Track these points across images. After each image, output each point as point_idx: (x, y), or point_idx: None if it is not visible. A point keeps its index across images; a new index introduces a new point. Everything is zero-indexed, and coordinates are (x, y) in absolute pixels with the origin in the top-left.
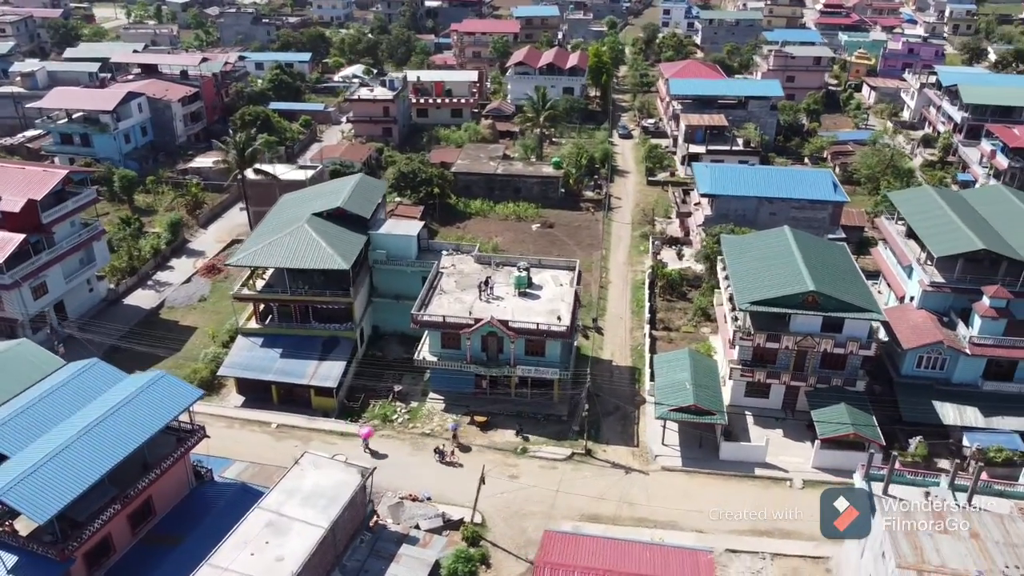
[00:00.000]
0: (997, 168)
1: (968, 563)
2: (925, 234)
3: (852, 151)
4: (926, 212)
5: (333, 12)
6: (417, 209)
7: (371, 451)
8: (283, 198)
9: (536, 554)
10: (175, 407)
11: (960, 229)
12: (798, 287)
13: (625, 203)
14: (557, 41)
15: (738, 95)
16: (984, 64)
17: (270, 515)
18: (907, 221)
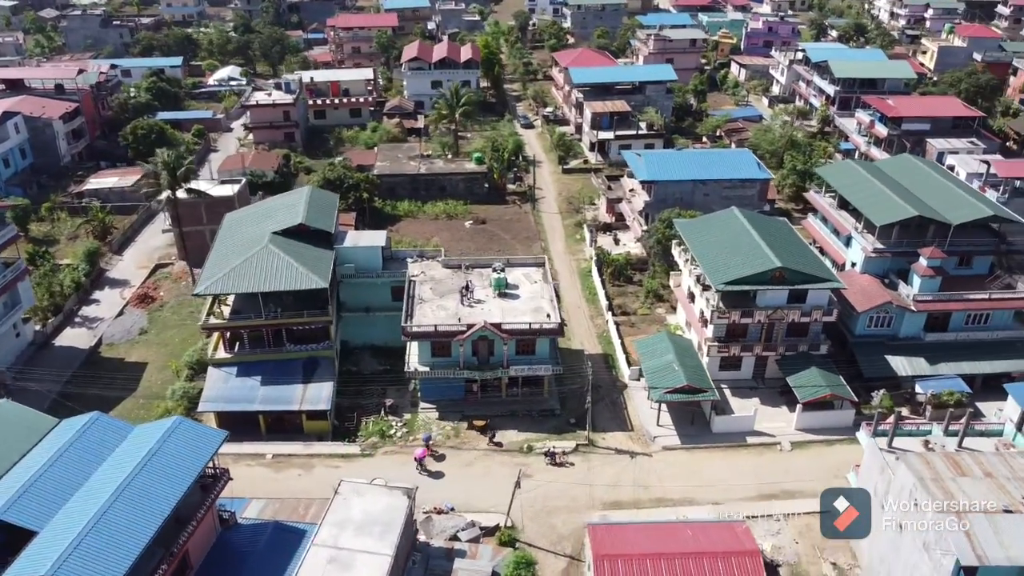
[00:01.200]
0: (877, 136)
1: (992, 500)
2: (862, 205)
3: (744, 128)
4: (856, 185)
5: (184, 10)
6: (350, 216)
7: (427, 471)
8: (228, 218)
9: (590, 548)
10: (204, 452)
11: (893, 199)
12: (766, 264)
13: (546, 193)
14: (433, 33)
15: (635, 80)
16: (829, 39)
17: (329, 551)
18: (839, 194)
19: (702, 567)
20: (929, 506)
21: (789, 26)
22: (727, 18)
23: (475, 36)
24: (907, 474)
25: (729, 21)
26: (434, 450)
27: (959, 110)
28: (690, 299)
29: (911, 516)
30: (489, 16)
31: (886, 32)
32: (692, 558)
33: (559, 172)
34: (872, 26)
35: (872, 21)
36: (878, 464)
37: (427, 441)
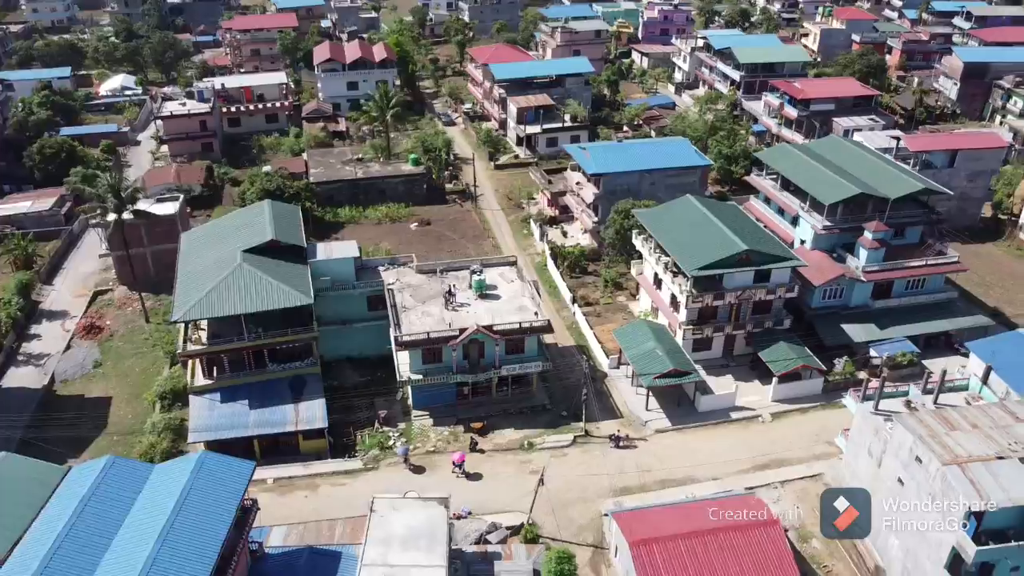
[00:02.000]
0: (788, 118)
1: (985, 449)
2: (807, 186)
3: (661, 116)
4: (797, 167)
5: (53, 15)
6: None
7: (466, 474)
8: (187, 238)
9: (620, 535)
10: (237, 485)
11: (836, 179)
12: (733, 248)
13: (483, 190)
14: (330, 32)
15: (554, 74)
16: (716, 25)
17: (382, 570)
18: (782, 176)
19: (730, 541)
20: (932, 460)
21: (683, 14)
22: (620, 8)
23: (374, 34)
24: (905, 433)
25: (624, 11)
26: (412, 464)
27: (858, 90)
28: (656, 285)
29: (913, 471)
30: (381, 12)
31: (770, 17)
32: (719, 533)
33: (491, 168)
34: (757, 11)
35: (754, 6)
36: (871, 427)
37: (404, 455)
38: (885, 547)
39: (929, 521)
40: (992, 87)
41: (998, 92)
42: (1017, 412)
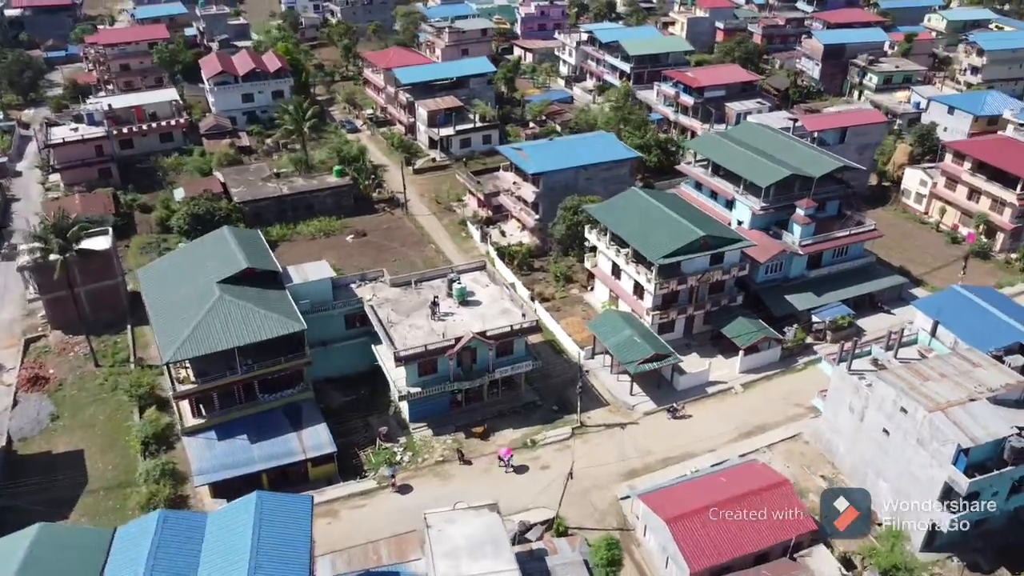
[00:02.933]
0: (684, 105)
1: (958, 394)
2: (741, 171)
3: (563, 110)
4: (725, 153)
5: None
6: None
7: (513, 468)
8: (146, 274)
9: (652, 515)
10: (303, 524)
11: (766, 163)
12: (692, 235)
13: (408, 196)
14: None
15: (458, 75)
16: (586, 17)
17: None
18: (713, 162)
19: (751, 504)
20: (919, 409)
21: (559, 9)
22: (494, 4)
23: (259, 43)
24: (887, 388)
25: (497, 7)
26: (395, 482)
27: (743, 75)
28: (615, 275)
29: (898, 421)
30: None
31: (637, 9)
32: (741, 499)
33: (410, 174)
34: (623, 3)
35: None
36: (850, 386)
37: (392, 475)
38: (874, 491)
39: (919, 463)
40: (849, 65)
41: (854, 70)
42: (972, 359)
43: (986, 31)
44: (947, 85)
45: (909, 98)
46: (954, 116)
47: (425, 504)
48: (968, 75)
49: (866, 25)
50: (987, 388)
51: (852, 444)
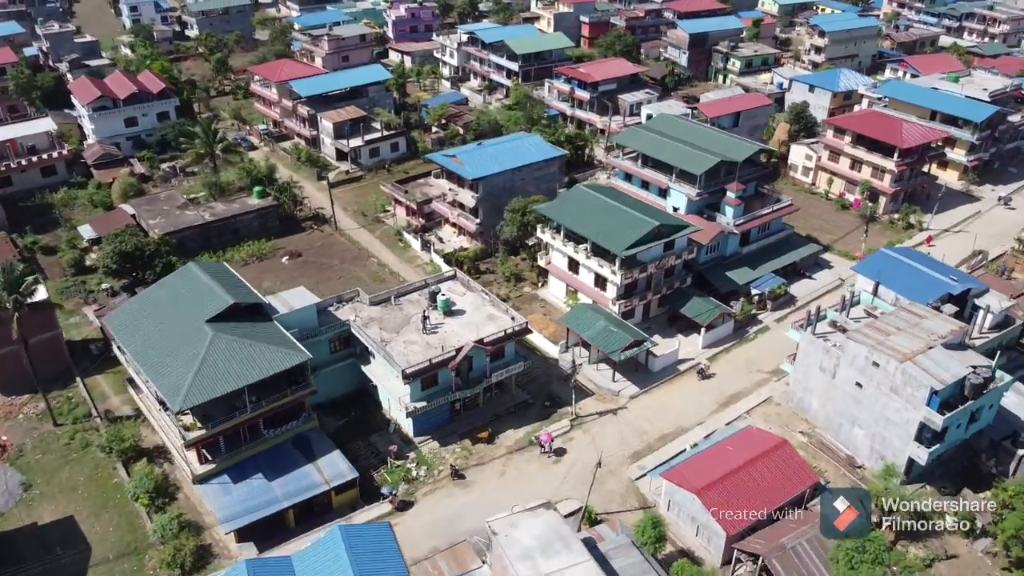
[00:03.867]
0: (579, 100)
1: (917, 344)
2: (673, 160)
3: (461, 112)
4: (653, 145)
5: None
6: None
7: (555, 452)
8: (114, 322)
9: (678, 491)
10: (391, 549)
11: (697, 151)
12: (647, 226)
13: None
14: (40, 62)
15: (357, 84)
16: (451, 18)
17: None
18: (644, 154)
19: (763, 466)
20: (890, 361)
21: (429, 11)
22: (357, 8)
23: (102, 61)
24: (858, 346)
25: (363, 11)
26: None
27: (630, 68)
28: (573, 270)
29: (871, 374)
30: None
31: (505, 7)
32: (752, 464)
33: (324, 188)
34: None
35: None
36: (820, 348)
37: (390, 495)
38: (849, 439)
39: (894, 408)
40: (712, 52)
41: (718, 56)
42: (916, 312)
43: (818, 14)
44: (796, 66)
45: (772, 79)
46: (815, 94)
47: (456, 513)
48: (812, 55)
49: (712, 13)
50: (938, 336)
51: (825, 400)
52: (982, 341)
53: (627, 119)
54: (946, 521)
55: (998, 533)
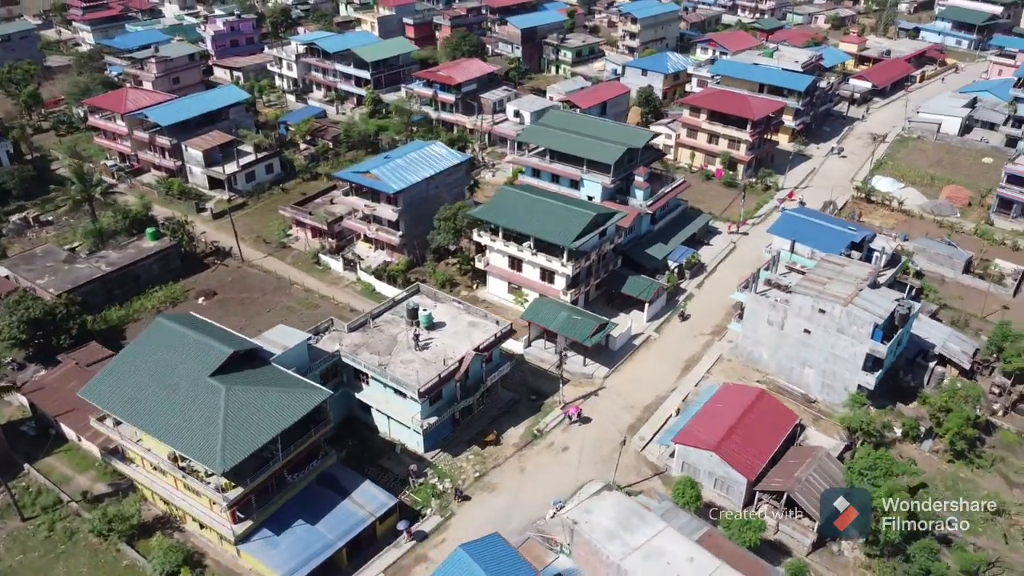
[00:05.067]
0: (444, 102)
1: (849, 289)
2: (583, 153)
3: (324, 126)
4: (559, 140)
5: None
6: (86, 353)
7: (580, 419)
8: (96, 395)
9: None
10: (512, 555)
11: (602, 142)
12: (586, 218)
13: (224, 241)
14: None
15: (212, 109)
16: (264, 28)
17: (639, 552)
18: (552, 149)
19: (754, 416)
20: (835, 306)
21: (249, 23)
22: (161, 24)
23: None
24: (803, 297)
25: (169, 28)
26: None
27: (487, 67)
28: (515, 268)
29: (818, 320)
30: None
31: (323, 14)
32: (747, 416)
33: (209, 219)
34: (298, 10)
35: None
36: (766, 304)
37: (407, 528)
38: (801, 379)
39: (841, 346)
40: (542, 45)
41: (549, 48)
42: (836, 261)
43: (626, 3)
44: (613, 52)
45: (605, 67)
46: (648, 77)
47: (498, 516)
48: (628, 40)
49: (522, 7)
50: (861, 279)
51: (775, 349)
52: (883, 279)
53: (494, 117)
54: (897, 432)
55: (941, 433)
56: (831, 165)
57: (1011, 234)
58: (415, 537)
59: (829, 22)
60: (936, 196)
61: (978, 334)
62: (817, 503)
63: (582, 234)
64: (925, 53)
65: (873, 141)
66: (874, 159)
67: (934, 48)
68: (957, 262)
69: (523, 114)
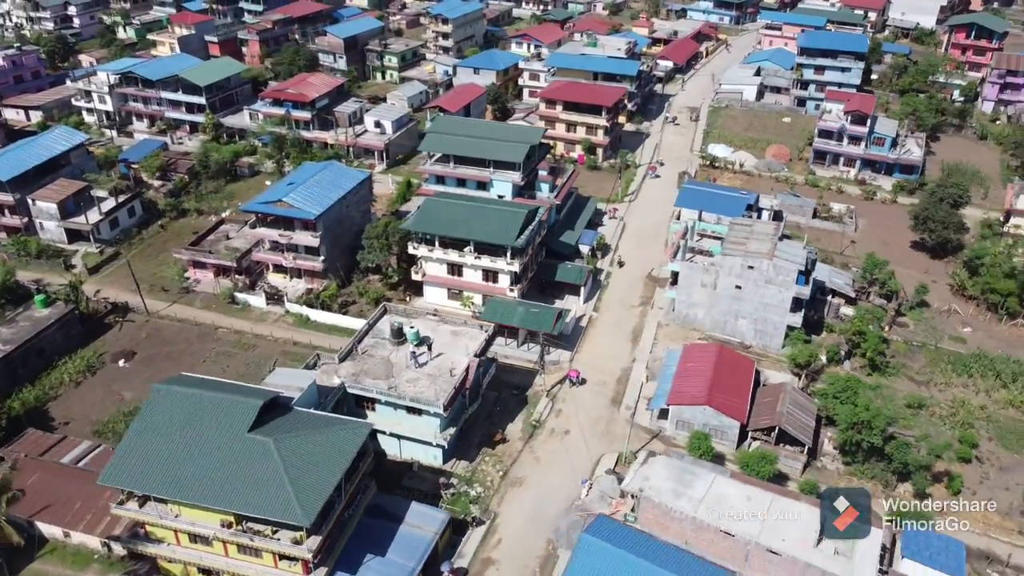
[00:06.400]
0: (300, 120)
1: (765, 245)
2: (489, 155)
3: (174, 158)
4: (464, 144)
5: None
6: (30, 443)
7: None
8: (120, 478)
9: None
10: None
11: (507, 143)
12: (520, 216)
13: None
14: None
15: (52, 155)
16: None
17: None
18: (457, 154)
19: (723, 368)
20: (762, 261)
21: (33, 55)
22: None
23: None
24: (733, 258)
25: None
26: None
27: (332, 81)
28: (455, 274)
29: (747, 276)
30: None
31: (111, 40)
32: (717, 369)
33: (85, 277)
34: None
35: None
36: (697, 270)
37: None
38: (736, 330)
39: (770, 295)
40: (365, 52)
41: (372, 55)
42: (743, 223)
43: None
44: (437, 53)
45: (435, 68)
46: (480, 75)
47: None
48: (442, 41)
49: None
50: (770, 235)
51: (710, 307)
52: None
53: (354, 129)
54: (823, 359)
55: (860, 353)
56: (669, 138)
57: (832, 180)
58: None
59: (607, 8)
60: (763, 156)
61: (847, 267)
62: (801, 430)
63: (520, 231)
64: (701, 31)
65: (692, 113)
66: (700, 129)
67: (708, 26)
68: (807, 210)
69: (383, 124)
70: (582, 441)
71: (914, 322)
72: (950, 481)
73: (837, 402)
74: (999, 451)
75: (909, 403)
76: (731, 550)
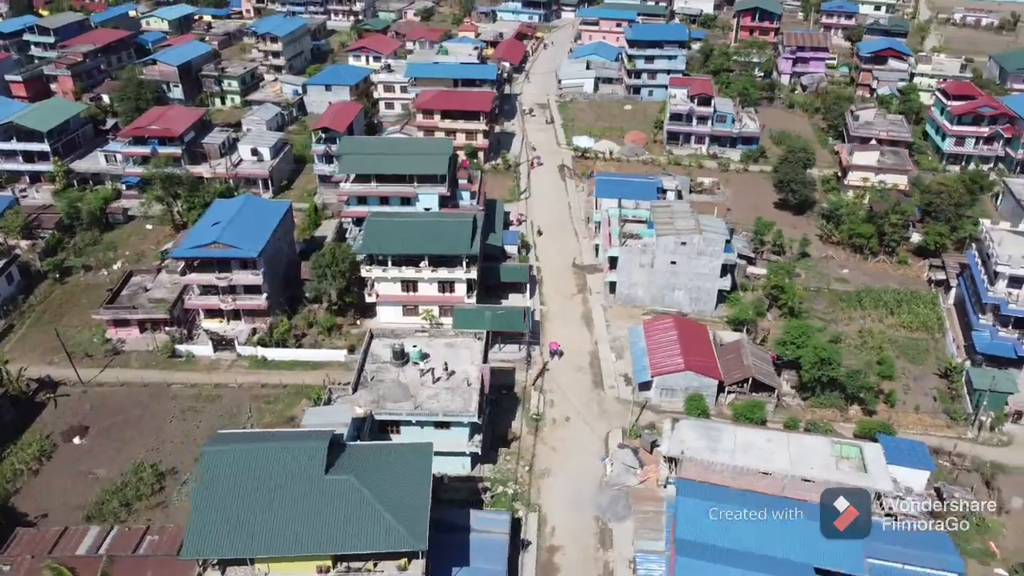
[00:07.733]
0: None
1: (691, 223)
2: (411, 170)
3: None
4: (385, 162)
5: None
6: (28, 543)
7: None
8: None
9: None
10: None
11: (425, 155)
12: (466, 226)
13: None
14: None
15: None
16: None
17: (737, 451)
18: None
19: (686, 335)
20: (693, 237)
21: None
22: None
23: None
24: (668, 239)
25: None
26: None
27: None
28: (410, 290)
29: (680, 252)
30: None
31: None
32: (682, 337)
33: None
34: None
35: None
36: (636, 250)
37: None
38: (673, 300)
39: (702, 264)
40: (200, 78)
41: (209, 80)
42: (662, 206)
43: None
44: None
45: (281, 89)
46: (332, 91)
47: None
48: (272, 59)
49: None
50: (689, 213)
51: (648, 285)
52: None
53: (231, 159)
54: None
55: (780, 304)
56: (533, 136)
57: (690, 157)
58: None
59: (419, 15)
60: (623, 142)
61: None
62: (768, 377)
63: (471, 240)
64: (520, 31)
65: (543, 110)
66: (558, 124)
67: (525, 25)
68: (686, 185)
69: (261, 151)
70: (584, 424)
71: (804, 271)
72: (887, 397)
73: (795, 347)
74: (908, 366)
75: (831, 340)
76: (770, 485)
